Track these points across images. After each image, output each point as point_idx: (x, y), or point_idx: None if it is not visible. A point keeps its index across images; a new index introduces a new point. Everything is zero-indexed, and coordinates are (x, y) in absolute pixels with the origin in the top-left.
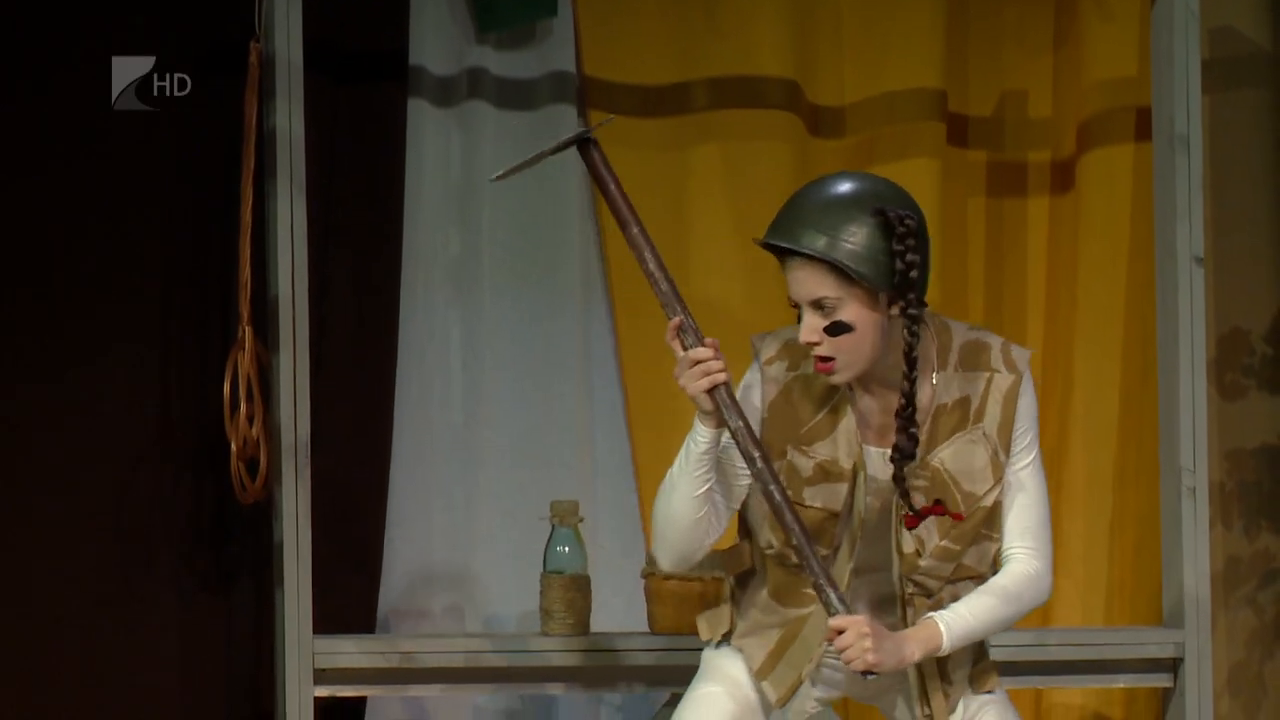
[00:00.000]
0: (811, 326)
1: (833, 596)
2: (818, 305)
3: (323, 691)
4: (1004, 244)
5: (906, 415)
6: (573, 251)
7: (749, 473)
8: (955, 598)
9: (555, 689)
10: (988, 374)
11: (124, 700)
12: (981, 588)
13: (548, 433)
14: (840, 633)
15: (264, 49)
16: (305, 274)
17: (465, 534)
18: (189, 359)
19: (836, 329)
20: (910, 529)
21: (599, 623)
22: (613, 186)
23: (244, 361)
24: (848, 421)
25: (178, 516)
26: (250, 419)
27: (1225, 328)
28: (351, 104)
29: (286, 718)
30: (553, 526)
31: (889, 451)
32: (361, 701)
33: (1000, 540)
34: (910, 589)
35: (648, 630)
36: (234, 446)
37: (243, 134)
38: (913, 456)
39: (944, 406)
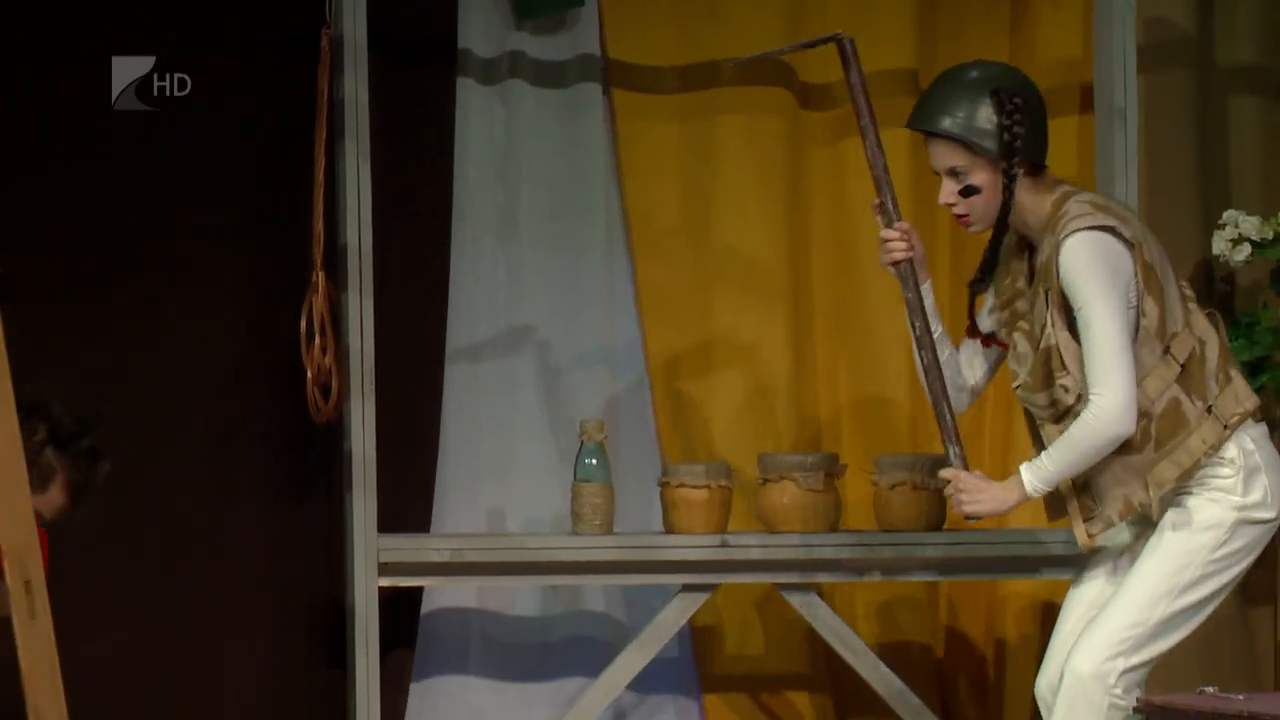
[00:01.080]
0: (948, 190)
1: (952, 452)
2: (951, 173)
3: (385, 582)
4: None
5: (986, 257)
6: (598, 207)
7: (981, 353)
8: (1067, 426)
9: (584, 580)
10: (1054, 237)
11: (215, 586)
12: (1061, 435)
13: (577, 362)
14: (947, 482)
15: (333, 34)
16: (370, 225)
17: (507, 447)
18: (271, 298)
19: (967, 191)
20: (985, 348)
21: (621, 524)
22: (855, 78)
23: (318, 301)
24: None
25: (262, 432)
26: (324, 350)
27: (1179, 256)
28: (408, 82)
29: (355, 604)
30: (581, 442)
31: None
32: (419, 590)
33: (1083, 379)
34: (1035, 415)
35: (663, 530)
36: (310, 373)
37: (316, 107)
38: (979, 282)
39: (1038, 262)
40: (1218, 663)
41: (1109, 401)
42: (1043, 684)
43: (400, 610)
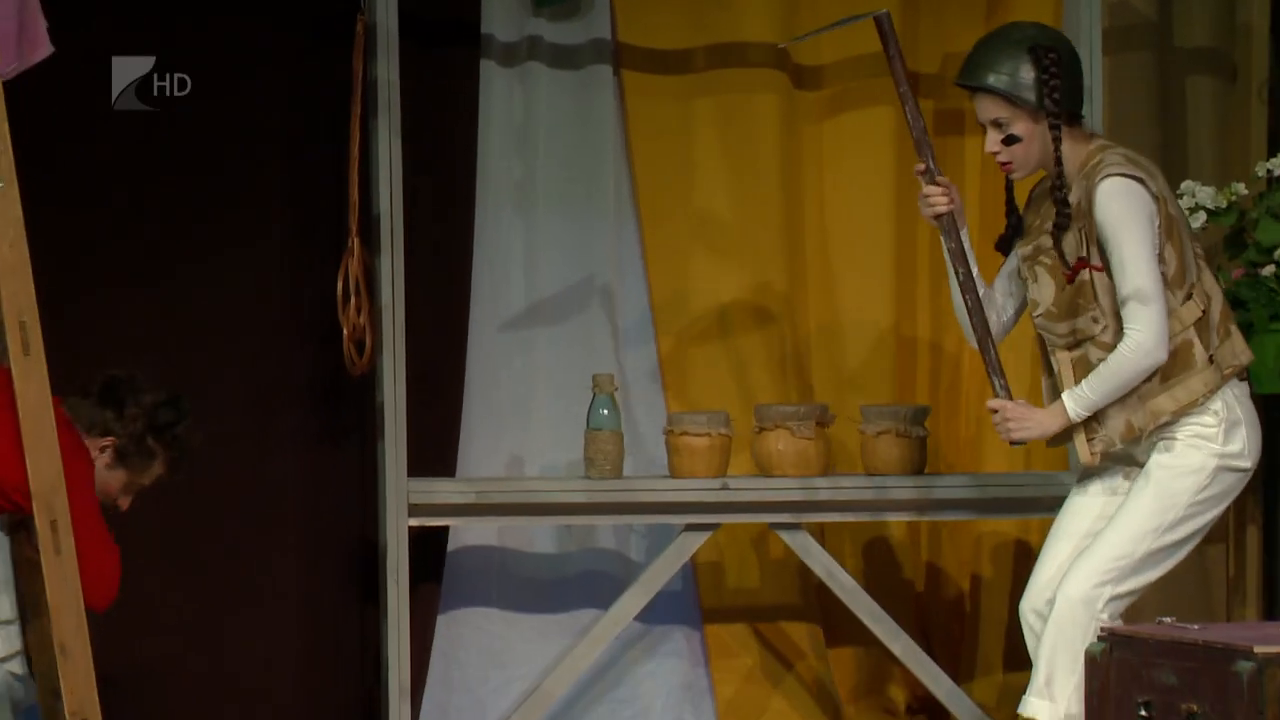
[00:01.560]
0: (992, 140)
1: (996, 384)
2: (995, 124)
3: (414, 522)
4: (947, 171)
5: (1058, 197)
6: (608, 178)
7: (1013, 294)
8: (1086, 353)
9: (595, 520)
10: (1089, 181)
11: (259, 525)
12: (1097, 367)
13: (589, 319)
14: (995, 412)
15: (367, 20)
16: (400, 195)
17: (525, 398)
18: (310, 262)
19: (1009, 140)
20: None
21: (629, 468)
22: (893, 49)
23: (353, 264)
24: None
25: (302, 385)
26: (358, 309)
27: None
28: (435, 64)
29: (386, 543)
30: (594, 393)
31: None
32: (445, 529)
33: (1112, 311)
34: (1049, 340)
35: (668, 474)
36: (345, 330)
37: (351, 87)
38: (1062, 227)
39: (1076, 203)
40: (1176, 596)
41: (1144, 336)
42: (1026, 606)
43: (428, 548)
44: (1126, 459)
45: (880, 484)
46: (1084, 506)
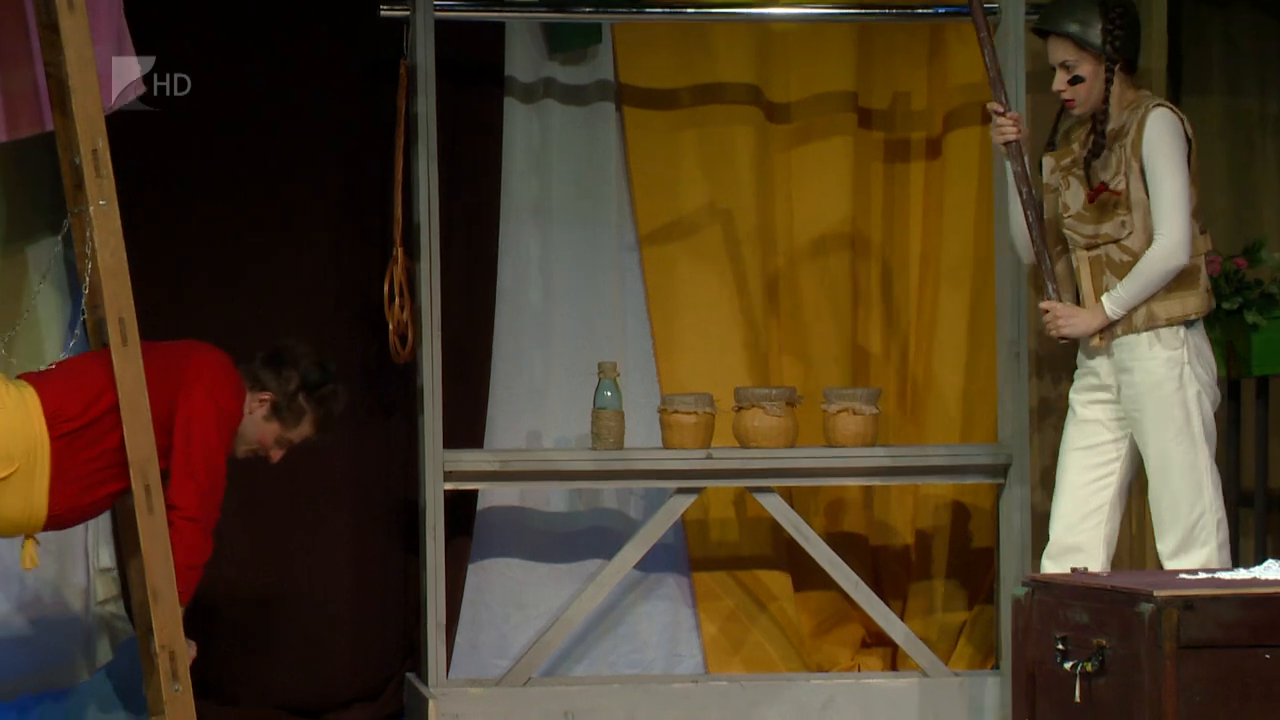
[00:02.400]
0: (1060, 79)
1: (1050, 288)
2: (1064, 65)
3: (449, 486)
4: (895, 195)
5: (1097, 133)
6: (611, 197)
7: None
8: (1108, 260)
9: (600, 485)
10: (1138, 112)
11: (315, 489)
12: (1130, 271)
13: (595, 315)
14: (1045, 311)
15: (409, 63)
16: (437, 210)
17: (542, 382)
18: (360, 266)
19: (1075, 80)
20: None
21: (629, 441)
22: (984, 31)
23: (397, 270)
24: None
25: (356, 370)
26: (402, 308)
27: None
28: (466, 100)
29: (425, 503)
30: (599, 378)
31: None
32: (474, 492)
33: (1144, 226)
34: (1071, 240)
35: (661, 446)
36: (390, 325)
37: (395, 119)
38: (1095, 155)
39: (1114, 130)
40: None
41: (1170, 240)
42: (1066, 541)
43: (460, 508)
44: (1100, 369)
45: (839, 454)
46: (1083, 438)
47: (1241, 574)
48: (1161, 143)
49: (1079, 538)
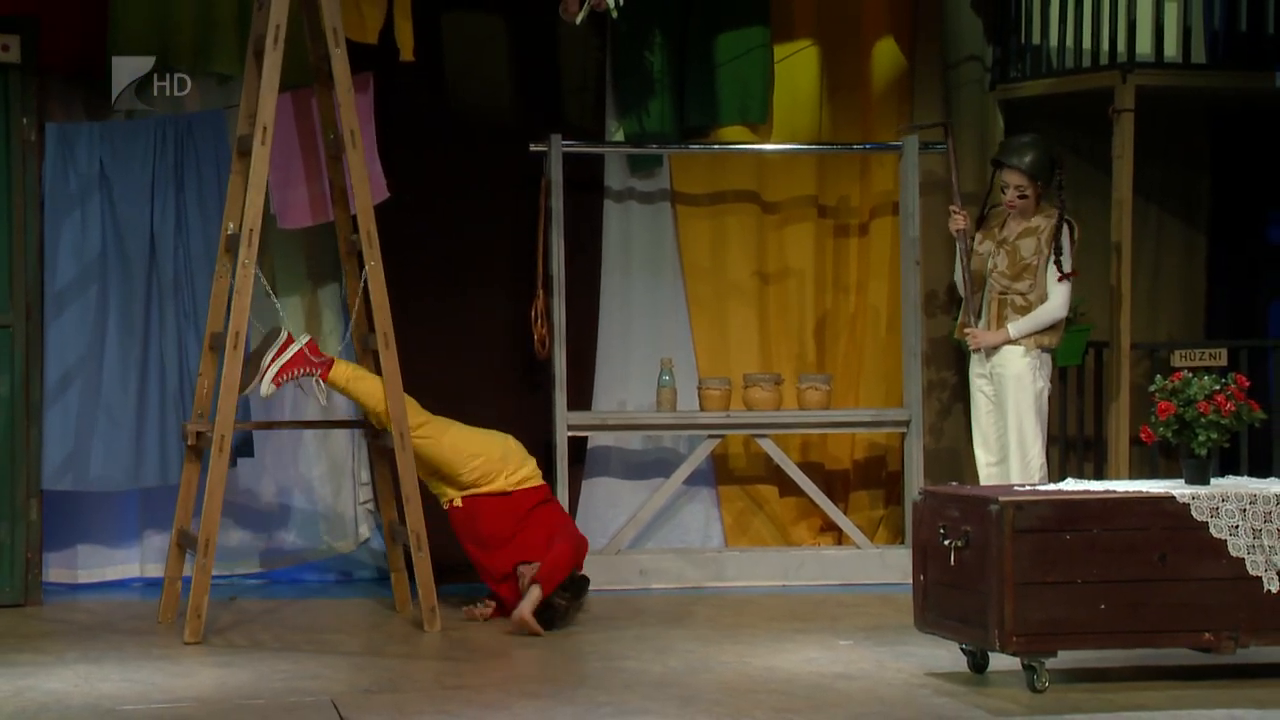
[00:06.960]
0: (1011, 197)
1: (973, 320)
2: (1016, 187)
3: (571, 434)
4: (840, 257)
5: (1027, 225)
6: (668, 259)
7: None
8: (1012, 303)
9: (662, 432)
10: (1050, 215)
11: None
12: (1030, 313)
13: (658, 330)
14: (968, 331)
15: (547, 178)
16: (563, 265)
17: (624, 370)
18: (517, 302)
19: (1023, 198)
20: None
21: (680, 406)
22: (953, 158)
23: (539, 303)
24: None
25: (516, 365)
26: (542, 326)
27: (932, 285)
28: (581, 200)
29: (556, 444)
30: (661, 367)
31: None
32: (585, 438)
33: (1040, 287)
34: (991, 286)
35: (699, 409)
36: (535, 337)
37: (538, 210)
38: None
39: (1033, 226)
40: (955, 473)
41: (1061, 303)
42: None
43: (578, 447)
44: (989, 366)
45: (808, 415)
46: (980, 394)
47: (1051, 487)
48: (1065, 239)
49: (991, 456)
